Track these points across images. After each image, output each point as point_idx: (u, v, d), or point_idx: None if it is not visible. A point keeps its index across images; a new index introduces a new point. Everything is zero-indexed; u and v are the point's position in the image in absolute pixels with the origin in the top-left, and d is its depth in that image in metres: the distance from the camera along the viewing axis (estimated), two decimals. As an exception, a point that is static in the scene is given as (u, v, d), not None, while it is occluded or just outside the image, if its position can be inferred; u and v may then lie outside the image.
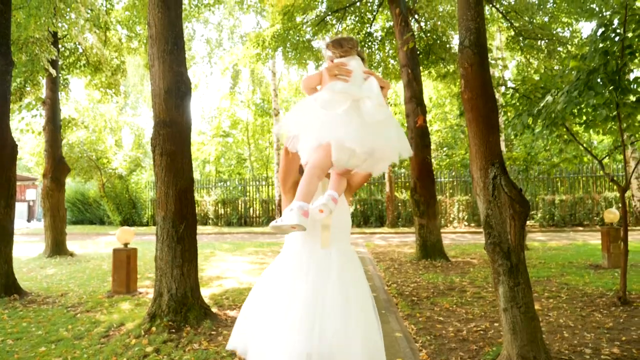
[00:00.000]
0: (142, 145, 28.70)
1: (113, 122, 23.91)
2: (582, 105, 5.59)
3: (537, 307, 5.38)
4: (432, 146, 24.52)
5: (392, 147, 2.00)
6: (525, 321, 3.25)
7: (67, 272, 8.49)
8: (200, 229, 19.07)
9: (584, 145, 7.72)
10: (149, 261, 9.56)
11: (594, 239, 12.90)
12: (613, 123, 5.96)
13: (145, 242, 14.12)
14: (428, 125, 20.74)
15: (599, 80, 4.80)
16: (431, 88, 25.50)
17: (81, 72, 13.02)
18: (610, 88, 4.93)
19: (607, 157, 8.96)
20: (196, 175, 28.66)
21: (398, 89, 26.12)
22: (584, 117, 6.33)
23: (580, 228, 16.73)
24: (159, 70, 4.97)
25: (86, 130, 20.65)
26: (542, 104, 5.66)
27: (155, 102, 5.02)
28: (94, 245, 13.18)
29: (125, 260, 6.58)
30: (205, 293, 6.48)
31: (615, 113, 5.43)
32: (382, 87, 2.11)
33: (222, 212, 21.41)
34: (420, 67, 11.47)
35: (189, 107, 5.16)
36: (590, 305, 5.46)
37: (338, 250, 2.16)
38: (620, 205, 17.00)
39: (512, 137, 7.84)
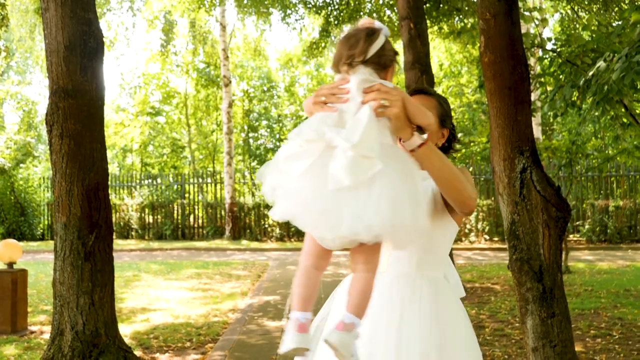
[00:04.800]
0: (34, 126, 28.21)
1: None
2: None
3: (579, 348, 5.53)
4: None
5: (369, 226, 1.73)
6: (563, 365, 3.35)
7: None
8: (119, 243, 18.87)
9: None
10: (45, 288, 9.44)
11: (660, 259, 13.28)
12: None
13: (39, 262, 13.90)
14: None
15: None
16: (442, 50, 25.78)
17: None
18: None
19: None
20: (113, 168, 28.34)
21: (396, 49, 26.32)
22: (649, 92, 6.53)
23: (642, 244, 17.18)
24: (57, 16, 4.91)
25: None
26: (591, 73, 5.81)
27: (52, 63, 4.96)
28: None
29: (9, 286, 6.48)
30: (126, 330, 6.45)
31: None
32: (388, 117, 1.88)
33: (151, 220, 21.23)
34: (428, 21, 11.58)
35: (101, 71, 5.12)
36: (652, 346, 5.64)
37: (397, 277, 2.20)
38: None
39: (551, 118, 8.00)
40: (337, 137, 1.76)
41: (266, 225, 20.39)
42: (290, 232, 20.08)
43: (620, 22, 7.39)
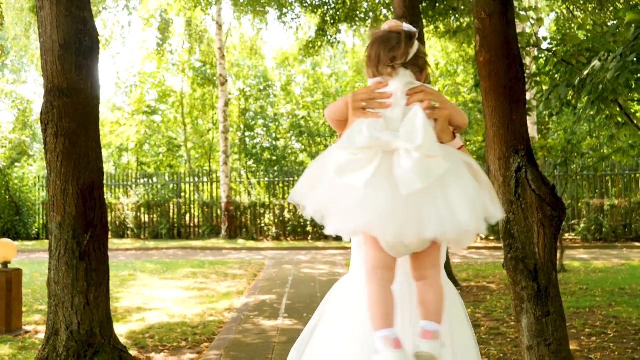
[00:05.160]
0: (30, 125, 28.13)
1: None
2: (640, 75, 5.77)
3: (574, 346, 5.55)
4: (440, 130, 24.79)
5: (459, 224, 1.73)
6: (558, 363, 3.36)
7: None
8: (115, 242, 18.85)
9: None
10: (40, 288, 9.43)
11: (655, 258, 13.32)
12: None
13: (34, 261, 13.89)
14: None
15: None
16: (438, 50, 25.81)
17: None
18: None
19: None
20: (109, 167, 28.30)
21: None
22: (644, 91, 6.55)
23: (637, 244, 17.23)
24: (52, 14, 4.91)
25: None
26: (586, 72, 5.82)
27: (47, 61, 4.95)
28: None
29: (4, 286, 6.47)
30: (121, 330, 6.44)
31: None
32: (435, 119, 1.86)
33: (147, 219, 21.22)
34: (424, 20, 11.60)
35: (96, 69, 5.11)
36: (647, 345, 5.66)
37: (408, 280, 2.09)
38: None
39: (546, 117, 8.02)
40: (397, 140, 1.74)
41: (262, 225, 20.39)
42: (287, 232, 20.09)
43: (615, 22, 7.41)
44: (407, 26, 1.96)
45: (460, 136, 1.95)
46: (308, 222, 19.80)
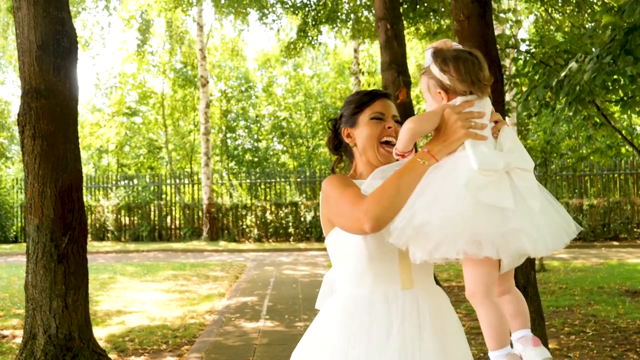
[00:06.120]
0: (7, 127, 27.77)
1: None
2: (617, 76, 5.84)
3: (553, 345, 5.60)
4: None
5: (561, 239, 1.86)
6: (536, 362, 3.38)
7: None
8: (95, 245, 18.70)
9: (621, 130, 8.06)
10: (18, 291, 9.32)
11: (634, 257, 13.51)
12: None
13: (11, 265, 13.72)
14: (414, 102, 20.96)
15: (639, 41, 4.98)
16: (419, 51, 25.91)
17: None
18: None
19: (649, 147, 9.38)
20: (89, 169, 28.06)
21: (373, 50, 26.41)
22: (621, 92, 6.63)
23: (616, 243, 17.45)
24: (29, 15, 4.87)
25: None
26: (563, 73, 5.88)
27: (24, 62, 4.92)
28: None
29: (-19, 289, 6.40)
30: (101, 333, 6.39)
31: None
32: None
33: (127, 221, 21.06)
34: (404, 22, 11.65)
35: (74, 71, 5.08)
36: (624, 343, 5.73)
37: (425, 291, 2.02)
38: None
39: (525, 118, 8.09)
40: (515, 162, 1.80)
41: (244, 226, 20.34)
42: (268, 233, 20.05)
43: (592, 24, 7.50)
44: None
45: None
46: (290, 224, 19.80)
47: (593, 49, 6.00)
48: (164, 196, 21.56)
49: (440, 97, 1.90)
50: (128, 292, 9.44)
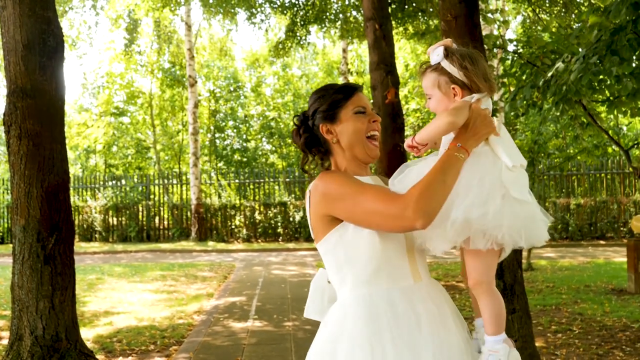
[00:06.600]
0: (-5, 127, 27.65)
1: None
2: (603, 76, 5.88)
3: (540, 343, 5.63)
4: (408, 131, 25.08)
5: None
6: (523, 360, 3.40)
7: None
8: (82, 246, 18.60)
9: (607, 130, 8.13)
10: (4, 292, 9.26)
11: (620, 256, 13.59)
12: (644, 101, 6.30)
13: (-1, 265, 13.65)
14: (402, 102, 20.97)
15: (625, 42, 5.01)
16: (407, 51, 25.99)
17: None
18: (641, 53, 5.18)
19: (636, 146, 9.47)
20: (76, 169, 27.91)
21: (362, 50, 26.44)
22: (607, 92, 6.68)
23: (602, 242, 17.58)
24: (14, 14, 4.85)
25: None
26: (550, 73, 5.92)
27: (10, 62, 4.90)
28: None
29: (-33, 290, 6.36)
30: (88, 334, 6.37)
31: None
32: None
33: (115, 222, 20.96)
34: (393, 22, 11.68)
35: (61, 70, 5.06)
36: (610, 341, 5.77)
37: (429, 281, 2.06)
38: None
39: (512, 117, 8.14)
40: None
41: (233, 226, 20.30)
42: (257, 233, 20.03)
43: (579, 25, 7.55)
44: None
45: None
46: (279, 224, 19.78)
47: (580, 49, 6.03)
48: (152, 196, 21.47)
49: (452, 93, 1.93)
50: (116, 293, 9.40)
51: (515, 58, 7.29)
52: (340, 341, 1.91)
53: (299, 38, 15.61)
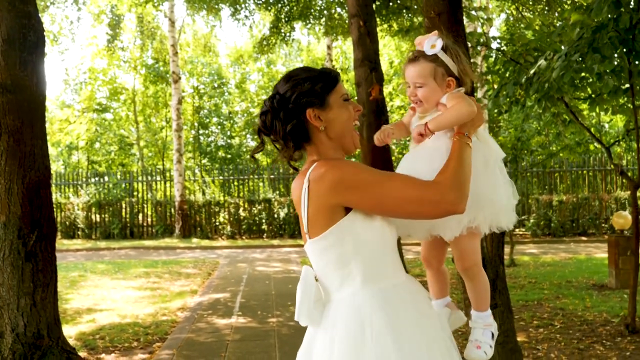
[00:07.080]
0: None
1: None
2: (585, 74, 5.93)
3: (522, 338, 5.68)
4: (394, 128, 25.07)
5: None
6: (504, 354, 3.43)
7: None
8: (65, 243, 18.45)
9: (589, 127, 8.18)
10: (-14, 290, 9.18)
11: (601, 252, 13.73)
12: (626, 99, 6.36)
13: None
14: (387, 98, 20.97)
15: (607, 39, 5.05)
16: (392, 48, 26.04)
17: None
18: (622, 50, 5.23)
19: (617, 144, 9.53)
20: (58, 166, 27.67)
21: (346, 47, 26.45)
22: (589, 90, 6.74)
23: (584, 238, 17.75)
24: (-3, 9, 4.79)
25: None
26: (532, 71, 5.96)
27: (-10, 57, 4.84)
28: None
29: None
30: (70, 332, 6.33)
31: (627, 85, 5.79)
32: None
33: (98, 219, 20.81)
34: (377, 19, 11.69)
35: (42, 65, 5.02)
36: (591, 336, 5.84)
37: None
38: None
39: (495, 114, 8.19)
40: None
41: (217, 223, 20.24)
42: (242, 230, 19.98)
43: (561, 23, 7.60)
44: None
45: None
46: (263, 221, 19.75)
47: (562, 47, 6.07)
48: (135, 193, 21.34)
49: (447, 85, 2.00)
50: (99, 290, 9.35)
51: (498, 55, 7.33)
52: (367, 346, 1.78)
53: (283, 34, 15.59)
